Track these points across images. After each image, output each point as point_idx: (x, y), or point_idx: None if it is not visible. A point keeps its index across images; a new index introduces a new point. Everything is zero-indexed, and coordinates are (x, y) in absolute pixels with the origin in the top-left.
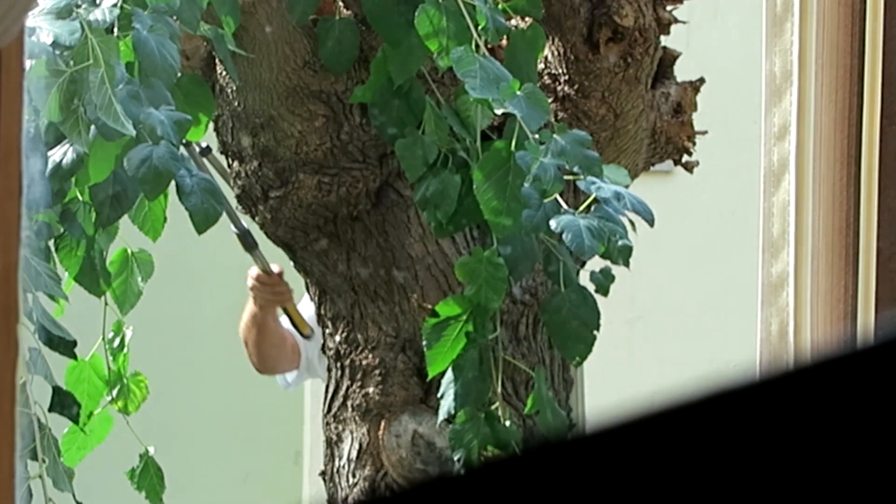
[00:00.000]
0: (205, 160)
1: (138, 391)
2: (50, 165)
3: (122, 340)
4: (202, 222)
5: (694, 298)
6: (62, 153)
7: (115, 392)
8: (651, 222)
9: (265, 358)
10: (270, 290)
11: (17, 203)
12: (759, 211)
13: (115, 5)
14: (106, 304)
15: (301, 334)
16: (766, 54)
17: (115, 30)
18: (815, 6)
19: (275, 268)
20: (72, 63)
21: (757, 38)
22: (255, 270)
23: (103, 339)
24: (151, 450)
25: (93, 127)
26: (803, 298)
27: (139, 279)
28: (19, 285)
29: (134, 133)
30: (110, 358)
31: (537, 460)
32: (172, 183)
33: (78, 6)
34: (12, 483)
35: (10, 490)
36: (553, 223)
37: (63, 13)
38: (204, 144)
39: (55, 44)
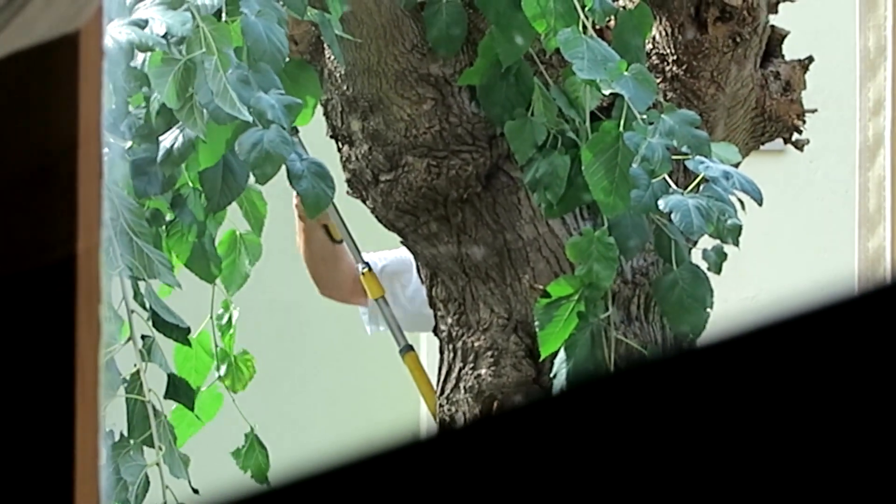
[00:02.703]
0: None
1: (245, 370)
2: (161, 151)
3: (230, 319)
4: (313, 206)
5: (810, 277)
6: (173, 138)
7: (222, 370)
8: (760, 201)
9: (316, 268)
10: None
11: (98, 185)
12: (855, 186)
13: None
14: (214, 284)
15: (332, 239)
16: (859, 30)
17: (223, 14)
18: None
19: None
20: (185, 52)
21: (850, 14)
22: None
23: (211, 318)
24: (257, 427)
25: (205, 112)
26: None
27: (247, 261)
28: (101, 268)
29: (249, 118)
30: (218, 335)
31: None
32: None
33: None
34: (97, 465)
35: (95, 472)
36: (662, 203)
37: (174, 4)
38: None
39: (168, 34)
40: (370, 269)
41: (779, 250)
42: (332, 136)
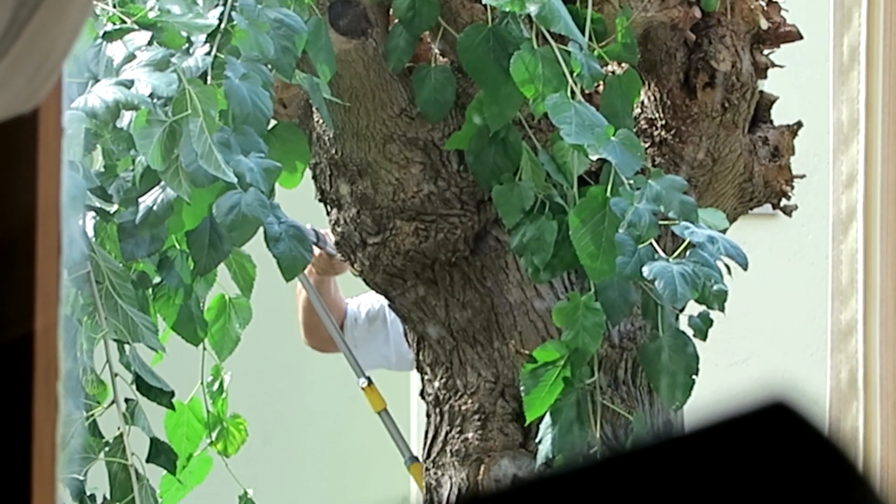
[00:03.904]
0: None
1: (237, 433)
2: (141, 212)
3: (221, 385)
4: (290, 269)
5: (800, 341)
6: (153, 199)
7: (214, 434)
8: (745, 266)
9: (310, 317)
10: (330, 264)
11: (57, 262)
12: (828, 258)
13: (208, 53)
14: (205, 349)
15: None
16: (833, 103)
17: (209, 77)
18: (881, 55)
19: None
20: (170, 113)
21: (824, 86)
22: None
23: (202, 383)
24: (250, 492)
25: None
26: (872, 346)
27: (237, 325)
28: (59, 344)
29: (234, 179)
30: (209, 401)
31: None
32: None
33: (172, 55)
34: None
35: None
36: (646, 270)
37: (160, 65)
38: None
39: (153, 95)
40: (370, 382)
41: (769, 314)
42: (320, 200)
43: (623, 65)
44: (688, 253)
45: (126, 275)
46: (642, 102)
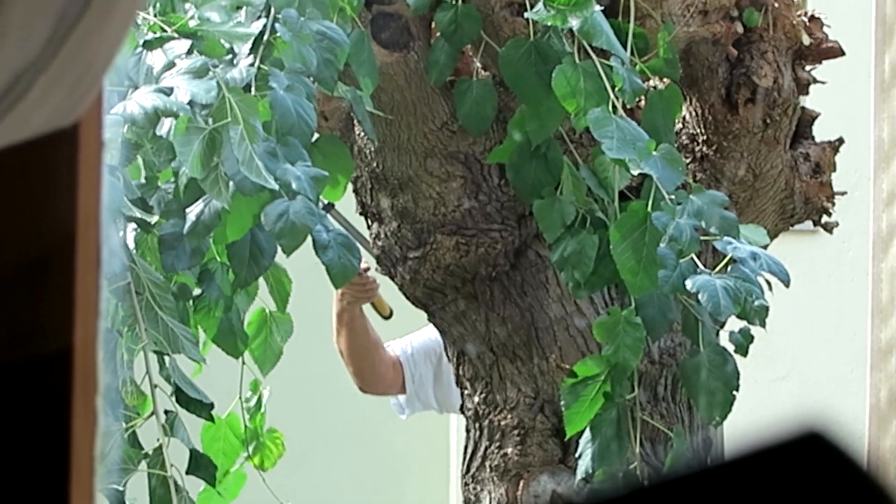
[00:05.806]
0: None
1: (274, 448)
2: (189, 222)
3: (259, 400)
4: (339, 276)
5: (841, 358)
6: (199, 211)
7: (251, 448)
8: (787, 283)
9: (361, 362)
10: (360, 288)
11: (97, 275)
12: (868, 276)
13: (251, 65)
14: (244, 363)
15: (381, 315)
16: (874, 120)
17: (253, 89)
18: None
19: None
20: (210, 121)
21: (865, 102)
22: None
23: (240, 398)
24: None
25: (230, 183)
26: None
27: (278, 339)
28: (98, 357)
29: (276, 187)
30: (247, 416)
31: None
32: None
33: (215, 66)
34: None
35: None
36: (689, 283)
37: (200, 73)
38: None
39: (192, 102)
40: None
41: (810, 331)
42: (361, 213)
43: (665, 80)
44: (729, 268)
45: (167, 286)
46: (684, 118)
